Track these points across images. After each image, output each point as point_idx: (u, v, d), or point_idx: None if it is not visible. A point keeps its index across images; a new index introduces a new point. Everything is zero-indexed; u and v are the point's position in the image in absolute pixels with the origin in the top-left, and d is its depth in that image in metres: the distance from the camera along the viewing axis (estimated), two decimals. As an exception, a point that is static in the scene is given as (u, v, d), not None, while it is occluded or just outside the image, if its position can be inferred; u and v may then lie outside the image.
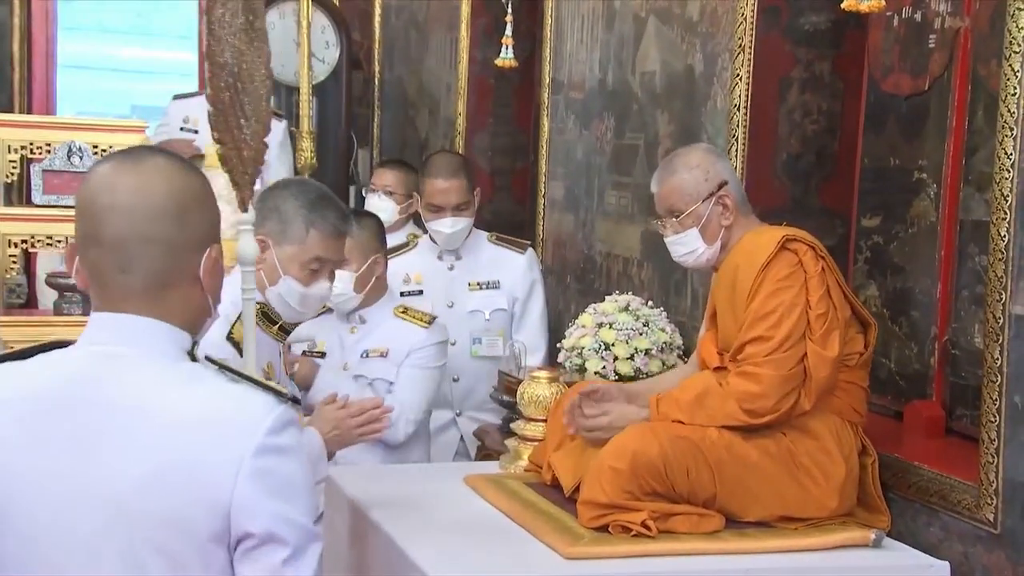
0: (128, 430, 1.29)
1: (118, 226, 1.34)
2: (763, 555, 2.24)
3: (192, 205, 1.37)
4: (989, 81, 2.41)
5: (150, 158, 1.39)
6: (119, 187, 1.35)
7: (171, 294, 1.36)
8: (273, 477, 1.28)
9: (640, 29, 3.47)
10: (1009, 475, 2.15)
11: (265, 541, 1.28)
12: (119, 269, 1.34)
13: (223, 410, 1.31)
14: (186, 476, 1.27)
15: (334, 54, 5.16)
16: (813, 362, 2.29)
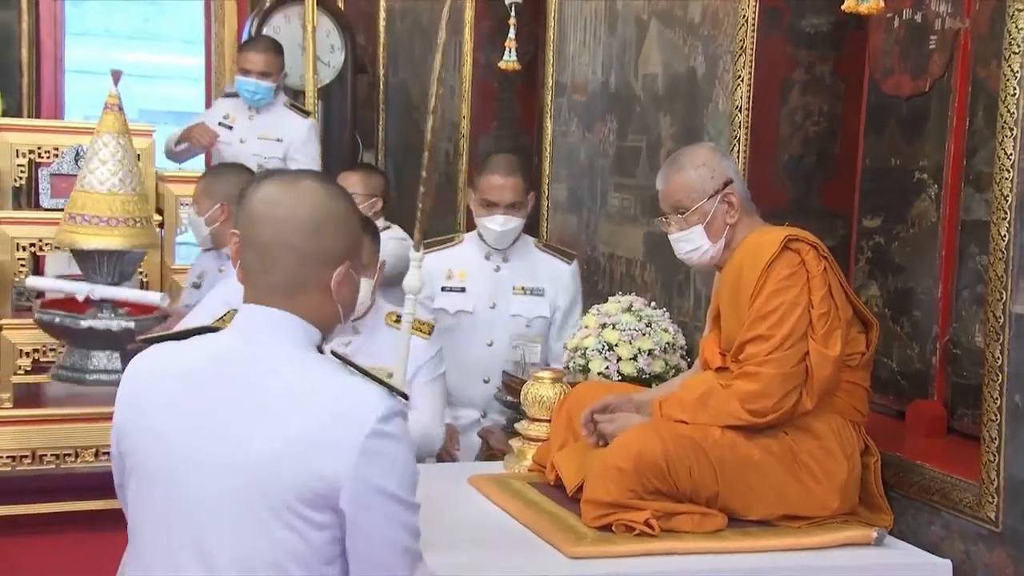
0: (261, 406, 1.53)
1: (266, 233, 1.59)
2: (766, 554, 2.25)
3: (329, 225, 1.60)
4: (989, 82, 2.42)
5: (305, 180, 1.64)
6: (273, 201, 1.59)
7: (304, 296, 1.59)
8: (381, 457, 1.50)
9: (642, 32, 3.48)
10: (1010, 473, 2.16)
11: (369, 514, 1.50)
12: (263, 269, 1.59)
13: (344, 396, 1.53)
14: (309, 449, 1.49)
15: (339, 58, 5.19)
16: (815, 361, 2.30)
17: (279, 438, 1.50)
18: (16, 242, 3.68)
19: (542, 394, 2.78)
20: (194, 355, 1.62)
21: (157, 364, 1.64)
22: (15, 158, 3.75)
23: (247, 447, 1.51)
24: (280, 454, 1.50)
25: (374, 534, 1.52)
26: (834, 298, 2.34)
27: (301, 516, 1.50)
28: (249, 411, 1.53)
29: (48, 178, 3.74)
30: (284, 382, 1.55)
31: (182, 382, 1.59)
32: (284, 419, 1.51)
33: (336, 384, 1.55)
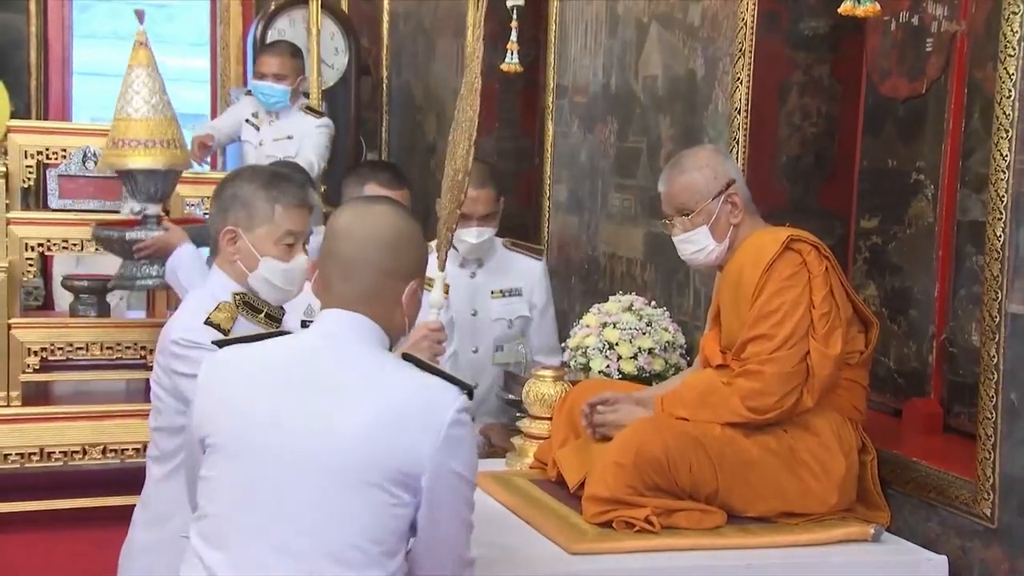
0: (347, 391, 1.69)
1: (348, 248, 1.79)
2: (765, 550, 2.28)
3: (405, 244, 1.81)
4: (985, 84, 2.45)
5: (383, 204, 1.88)
6: (355, 221, 1.81)
7: (378, 306, 1.78)
8: (459, 444, 1.69)
9: (642, 34, 3.51)
10: (1005, 470, 2.18)
11: (445, 492, 1.68)
12: (344, 279, 1.78)
13: (429, 387, 1.71)
14: (398, 431, 1.65)
15: (343, 60, 5.21)
16: (816, 360, 2.32)
17: (369, 418, 1.66)
18: (25, 242, 3.71)
19: (543, 392, 2.81)
20: (275, 351, 1.79)
21: (237, 359, 1.79)
22: (24, 159, 3.77)
23: (336, 427, 1.66)
24: (368, 433, 1.65)
25: (445, 509, 1.70)
26: (835, 298, 2.36)
27: (384, 490, 1.64)
28: (337, 396, 1.68)
29: (56, 179, 3.77)
30: (367, 371, 1.72)
31: (267, 373, 1.74)
32: (372, 402, 1.67)
33: (418, 376, 1.73)
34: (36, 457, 3.63)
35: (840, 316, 2.35)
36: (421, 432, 1.66)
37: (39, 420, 3.66)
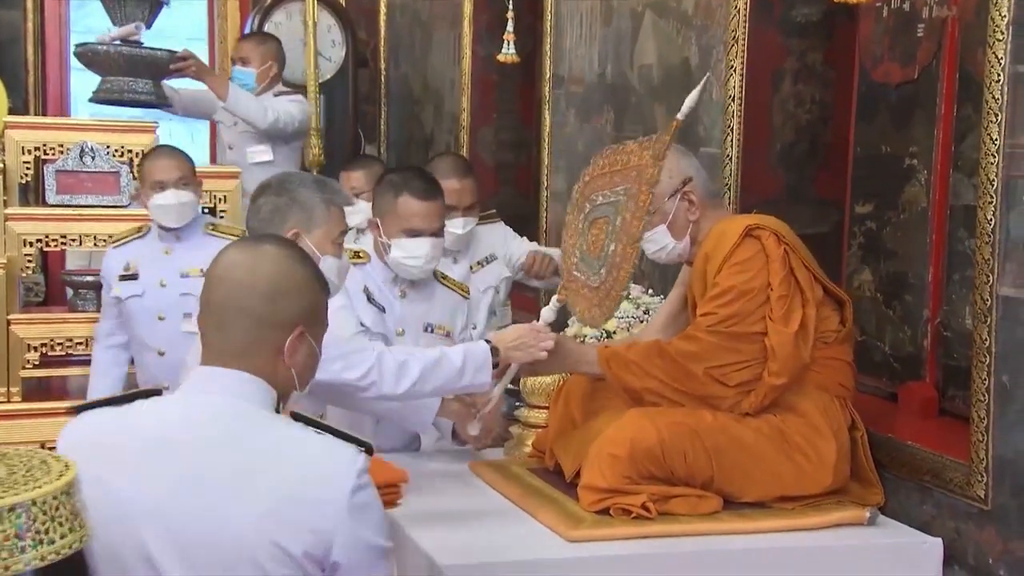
0: (234, 474, 1.49)
1: (221, 295, 1.59)
2: (761, 535, 2.29)
3: (284, 290, 1.59)
4: (976, 69, 2.45)
5: (266, 245, 1.66)
6: (232, 264, 1.61)
7: (258, 359, 1.57)
8: (365, 509, 1.54)
9: (637, 24, 3.52)
10: (998, 452, 2.20)
11: (355, 564, 1.52)
12: (217, 328, 1.59)
13: (322, 455, 1.54)
14: (296, 512, 1.49)
15: (340, 53, 5.22)
16: (774, 340, 2.34)
17: (261, 505, 1.48)
18: (23, 238, 3.73)
19: (541, 382, 2.83)
20: (150, 420, 1.57)
21: (102, 432, 1.55)
22: (21, 155, 3.78)
23: (229, 519, 1.48)
24: (265, 521, 1.48)
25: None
26: (798, 279, 2.37)
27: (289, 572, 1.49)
28: (223, 483, 1.49)
29: (54, 175, 3.77)
30: (255, 446, 1.53)
31: (139, 448, 1.52)
32: (263, 485, 1.49)
33: (310, 444, 1.55)
34: (38, 452, 3.64)
35: (804, 297, 2.37)
36: (323, 503, 1.50)
37: (39, 415, 3.68)
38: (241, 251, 1.65)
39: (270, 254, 1.62)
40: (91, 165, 3.78)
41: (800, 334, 2.35)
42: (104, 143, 3.81)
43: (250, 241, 1.76)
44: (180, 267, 3.45)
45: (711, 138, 3.07)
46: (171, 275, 3.44)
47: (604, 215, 2.48)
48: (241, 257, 1.62)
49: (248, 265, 1.60)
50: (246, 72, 4.65)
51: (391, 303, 2.84)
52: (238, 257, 1.63)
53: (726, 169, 2.97)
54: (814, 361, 2.41)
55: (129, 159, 3.85)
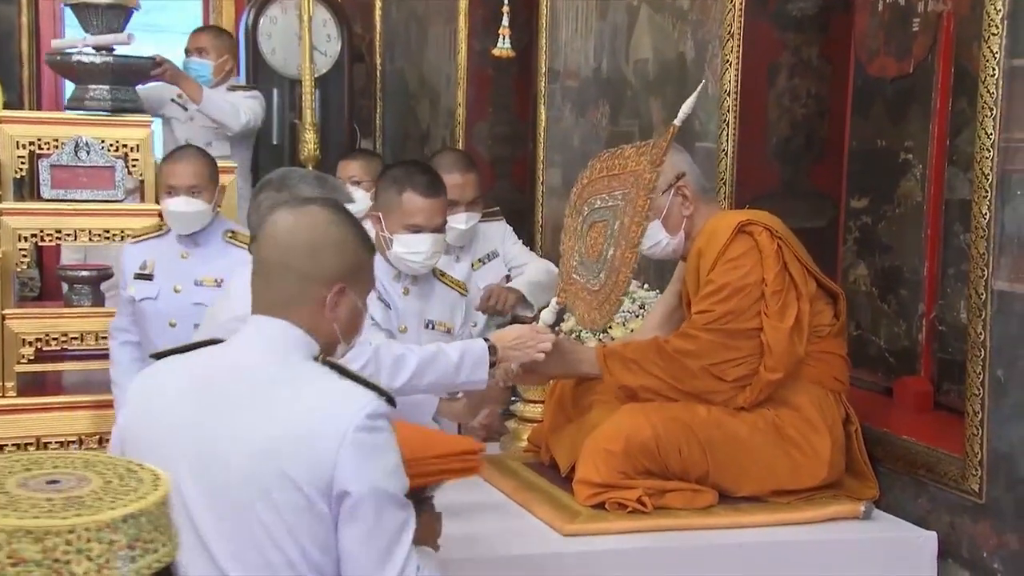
0: (260, 406, 1.62)
1: (269, 251, 1.72)
2: (756, 529, 2.30)
3: (326, 247, 1.70)
4: (971, 63, 2.46)
5: (312, 206, 1.78)
6: (279, 224, 1.74)
7: (300, 312, 1.69)
8: (367, 449, 1.59)
9: (632, 18, 3.52)
10: (993, 446, 2.20)
11: (357, 504, 1.58)
12: (266, 284, 1.72)
13: (333, 396, 1.63)
14: (303, 443, 1.58)
15: (336, 47, 5.20)
16: (770, 335, 2.34)
17: (277, 430, 1.59)
18: (18, 233, 3.72)
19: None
20: (198, 364, 1.73)
21: (163, 375, 1.74)
22: (16, 150, 3.76)
23: (246, 441, 1.59)
24: (277, 446, 1.58)
25: (359, 523, 1.59)
26: (791, 274, 2.38)
27: (296, 502, 1.57)
28: (247, 411, 1.62)
29: (48, 169, 3.75)
30: (277, 382, 1.64)
31: (186, 389, 1.68)
32: (281, 413, 1.60)
33: (329, 384, 1.65)
34: (32, 448, 3.64)
35: (798, 291, 2.38)
36: (327, 436, 1.57)
37: (34, 410, 3.67)
38: (288, 212, 1.76)
39: (312, 214, 1.74)
40: (86, 160, 3.77)
41: (795, 329, 2.35)
42: (99, 138, 3.79)
43: (297, 202, 1.87)
44: (195, 275, 3.38)
45: (707, 132, 3.06)
46: (186, 282, 3.38)
47: (603, 219, 2.48)
48: (287, 217, 1.74)
49: (292, 224, 1.72)
50: (202, 63, 4.68)
51: (394, 299, 2.84)
52: (285, 217, 1.74)
53: (722, 163, 2.97)
54: (808, 355, 2.41)
55: (124, 153, 3.84)
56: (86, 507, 0.91)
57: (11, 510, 0.90)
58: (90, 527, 0.89)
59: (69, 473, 0.99)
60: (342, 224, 1.74)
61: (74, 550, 0.88)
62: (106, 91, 3.85)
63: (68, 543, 0.89)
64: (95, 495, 0.94)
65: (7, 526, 0.88)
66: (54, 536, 0.88)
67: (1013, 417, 2.17)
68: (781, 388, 2.39)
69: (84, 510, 0.91)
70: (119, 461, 1.02)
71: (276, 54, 5.11)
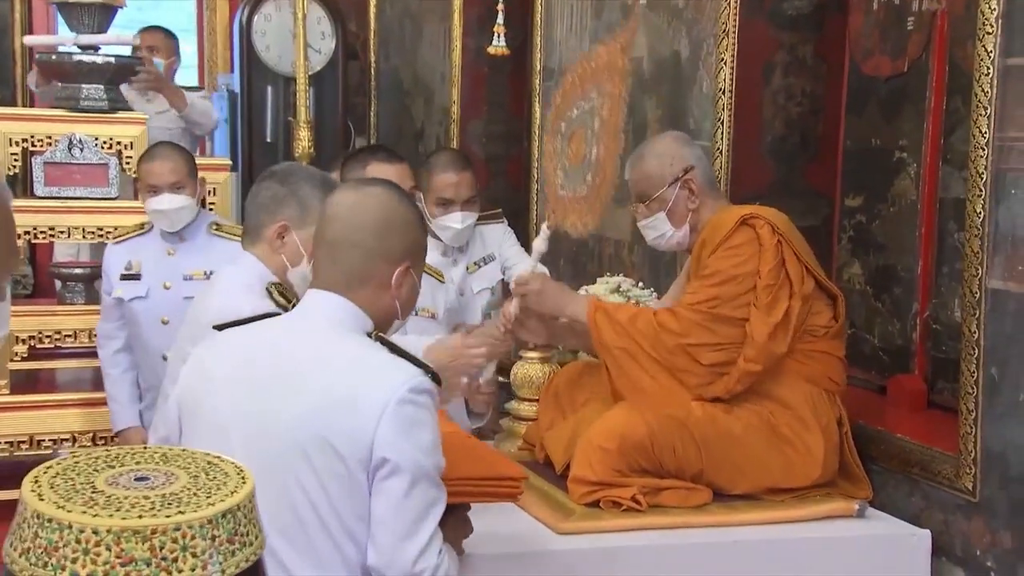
0: (307, 374, 1.68)
1: (336, 230, 1.77)
2: (751, 527, 2.30)
3: (393, 226, 1.77)
4: (965, 62, 2.46)
5: (375, 187, 1.84)
6: (344, 203, 1.80)
7: (364, 289, 1.75)
8: (408, 422, 1.63)
9: (628, 16, 3.51)
10: (987, 445, 2.21)
11: (393, 472, 1.62)
12: (331, 261, 1.77)
13: (379, 368, 1.68)
14: (346, 411, 1.63)
15: (330, 45, 5.19)
16: (754, 326, 2.35)
17: (320, 397, 1.65)
18: (11, 230, 3.71)
19: (531, 374, 2.82)
20: (255, 334, 1.80)
21: (225, 343, 1.81)
22: (9, 147, 3.76)
23: (293, 408, 1.65)
24: (321, 413, 1.63)
25: (392, 494, 1.63)
26: (788, 271, 2.38)
27: (335, 468, 1.62)
28: (297, 380, 1.68)
29: (42, 166, 3.75)
30: (331, 352, 1.71)
31: (243, 357, 1.75)
32: (327, 382, 1.66)
33: (378, 358, 1.71)
34: (25, 445, 3.64)
35: (792, 289, 2.38)
36: (369, 410, 1.62)
37: (28, 408, 3.67)
38: (352, 191, 1.84)
39: (377, 195, 1.80)
40: (80, 157, 3.76)
41: (781, 325, 2.35)
42: (93, 135, 3.79)
43: (359, 183, 1.93)
44: (183, 269, 3.37)
45: (701, 131, 3.06)
46: (174, 278, 3.37)
47: (581, 124, 2.49)
48: (352, 196, 1.81)
49: (360, 203, 1.78)
50: (156, 63, 4.73)
51: None
52: (350, 197, 1.81)
53: (716, 162, 2.97)
54: (804, 354, 2.41)
55: (118, 151, 3.83)
56: (185, 504, 0.92)
57: (113, 510, 0.90)
58: (193, 524, 0.90)
59: (154, 469, 0.99)
60: (406, 204, 1.81)
61: (180, 547, 0.89)
62: (93, 90, 3.84)
63: (175, 540, 0.89)
64: (189, 491, 0.94)
65: (114, 526, 0.88)
66: (161, 535, 0.89)
67: (1007, 415, 2.17)
68: (776, 386, 2.39)
69: (185, 507, 0.91)
70: (197, 455, 1.03)
71: (270, 51, 5.10)
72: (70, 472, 0.98)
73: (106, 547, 0.87)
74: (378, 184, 1.87)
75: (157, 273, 3.40)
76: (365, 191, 1.82)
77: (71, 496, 0.92)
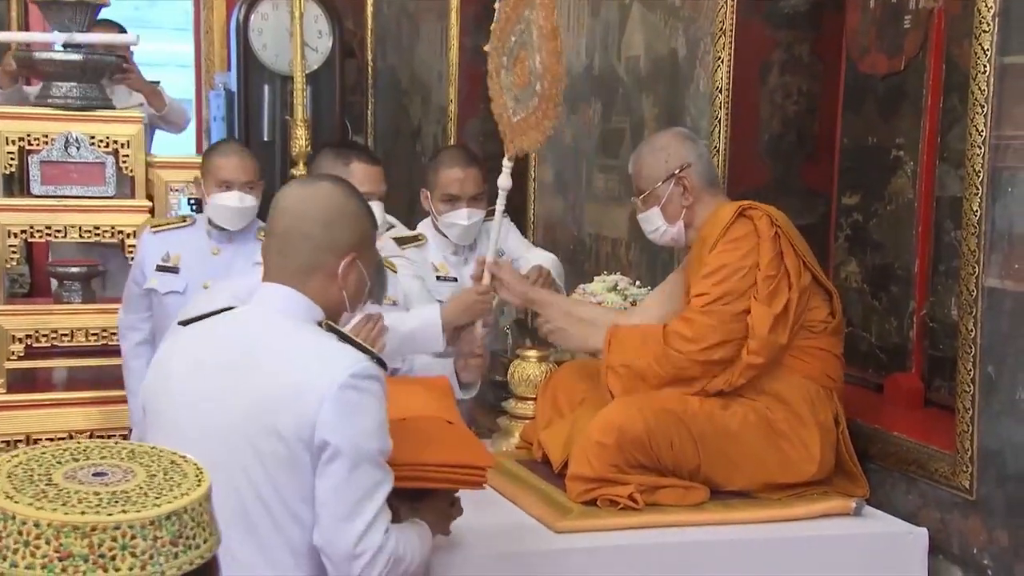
0: (256, 363, 1.72)
1: (284, 222, 1.82)
2: (747, 525, 2.30)
3: (340, 219, 1.81)
4: (962, 60, 2.46)
5: (324, 181, 1.92)
6: (293, 196, 1.86)
7: (311, 280, 1.80)
8: (349, 406, 1.67)
9: (624, 15, 3.51)
10: (984, 443, 2.21)
11: (334, 455, 1.65)
12: (280, 254, 1.81)
13: (325, 355, 1.72)
14: (290, 396, 1.67)
15: (327, 43, 5.19)
16: (755, 319, 2.35)
17: (267, 384, 1.69)
18: (8, 229, 3.70)
19: (528, 373, 2.83)
20: (211, 328, 1.83)
21: (186, 336, 1.85)
22: (6, 146, 3.75)
23: (241, 393, 1.69)
24: (267, 398, 1.67)
25: (333, 477, 1.67)
26: (786, 263, 2.38)
27: (278, 451, 1.66)
28: (246, 365, 1.72)
29: (38, 165, 3.74)
30: (281, 342, 1.75)
31: (199, 348, 1.80)
32: (273, 369, 1.70)
33: (323, 345, 1.74)
34: (22, 444, 3.63)
35: (791, 281, 2.38)
36: (311, 393, 1.66)
37: (25, 407, 3.66)
38: (300, 186, 1.92)
39: (325, 188, 1.86)
40: (76, 156, 3.75)
41: (781, 317, 2.36)
42: (89, 134, 3.78)
43: (309, 179, 2.04)
44: (228, 272, 3.18)
45: (698, 129, 3.06)
46: (217, 278, 3.16)
47: (521, 43, 2.54)
48: (300, 191, 1.87)
49: (305, 197, 1.84)
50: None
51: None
52: (299, 191, 1.87)
53: (713, 160, 2.96)
54: (802, 351, 2.42)
55: (114, 150, 3.83)
56: (131, 503, 0.92)
57: (59, 504, 0.90)
58: (135, 524, 0.90)
59: (115, 465, 1.00)
60: (353, 197, 1.86)
61: (119, 546, 0.90)
62: (74, 88, 3.82)
63: (114, 539, 0.89)
64: (140, 490, 0.95)
65: (55, 521, 0.89)
66: (100, 532, 0.89)
67: (1003, 414, 2.17)
68: (774, 382, 2.39)
69: (130, 506, 0.92)
70: (164, 453, 1.04)
71: (267, 50, 5.09)
72: (33, 463, 0.98)
73: (45, 540, 0.88)
74: (327, 179, 1.94)
75: (198, 271, 3.29)
76: (314, 185, 1.88)
77: (23, 487, 0.93)
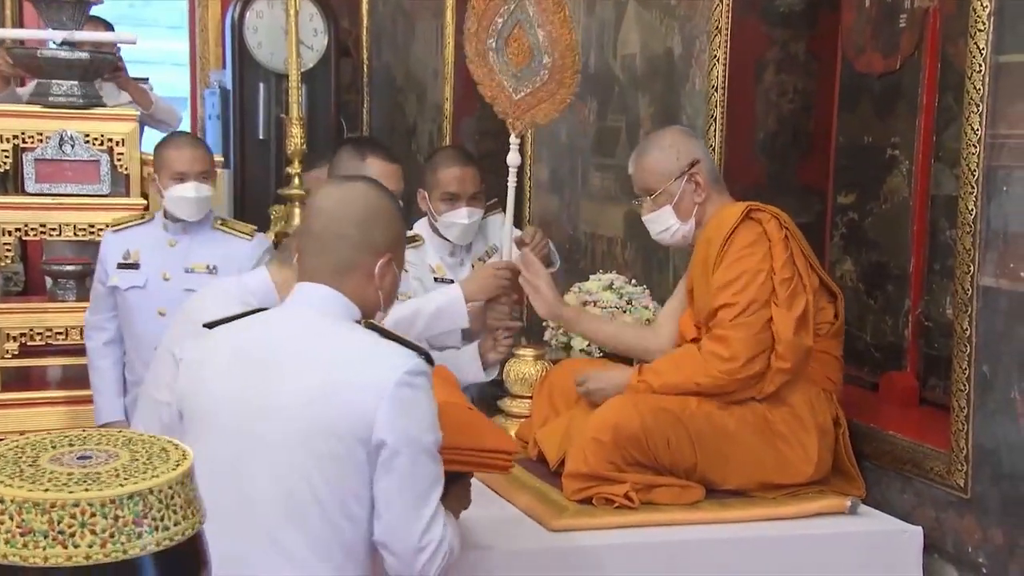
0: (302, 362, 1.73)
1: (321, 223, 1.84)
2: (743, 524, 2.31)
3: (376, 219, 1.84)
4: (957, 59, 2.46)
5: (360, 181, 1.94)
6: (330, 197, 1.88)
7: (349, 279, 1.81)
8: (406, 403, 1.70)
9: (620, 13, 3.51)
10: (978, 441, 2.21)
11: (395, 452, 1.68)
12: (318, 253, 1.83)
13: (377, 353, 1.74)
14: (345, 396, 1.69)
15: (322, 42, 5.19)
16: (779, 324, 2.34)
17: (316, 382, 1.70)
18: (2, 227, 3.70)
19: (524, 372, 2.83)
20: (251, 329, 1.84)
21: (219, 339, 1.85)
22: (0, 144, 3.75)
23: (291, 396, 1.70)
24: (320, 399, 1.69)
25: (395, 474, 1.69)
26: (797, 265, 2.38)
27: (334, 450, 1.68)
28: (291, 366, 1.73)
29: (33, 163, 3.73)
30: (324, 340, 1.76)
31: (239, 351, 1.80)
32: (322, 367, 1.72)
33: (374, 343, 1.76)
34: (18, 442, 3.62)
35: (803, 282, 2.37)
36: (368, 392, 1.68)
37: (19, 405, 3.66)
38: (336, 187, 1.93)
39: (360, 189, 1.88)
40: (71, 154, 3.75)
41: (802, 319, 2.35)
42: (84, 132, 3.78)
43: (345, 179, 2.06)
44: (185, 262, 3.31)
45: (694, 127, 3.06)
46: (175, 269, 3.30)
47: (515, 22, 2.54)
48: (337, 192, 1.89)
49: (345, 197, 1.86)
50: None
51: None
52: (335, 192, 1.90)
53: (709, 159, 2.97)
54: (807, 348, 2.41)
55: (109, 148, 3.82)
56: (99, 483, 0.94)
57: (29, 482, 0.93)
58: (94, 502, 0.92)
59: (105, 449, 1.02)
60: (388, 199, 1.90)
61: (79, 523, 0.91)
62: (64, 86, 3.81)
63: (72, 516, 0.91)
64: (113, 472, 0.97)
65: (17, 497, 0.92)
66: (59, 509, 0.91)
67: (998, 413, 2.18)
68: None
69: (94, 485, 0.94)
70: (159, 440, 1.05)
71: (262, 48, 5.09)
72: (27, 446, 1.01)
73: (9, 516, 0.91)
74: (362, 180, 1.95)
75: (156, 263, 3.34)
76: (350, 186, 1.90)
77: (4, 467, 0.96)
